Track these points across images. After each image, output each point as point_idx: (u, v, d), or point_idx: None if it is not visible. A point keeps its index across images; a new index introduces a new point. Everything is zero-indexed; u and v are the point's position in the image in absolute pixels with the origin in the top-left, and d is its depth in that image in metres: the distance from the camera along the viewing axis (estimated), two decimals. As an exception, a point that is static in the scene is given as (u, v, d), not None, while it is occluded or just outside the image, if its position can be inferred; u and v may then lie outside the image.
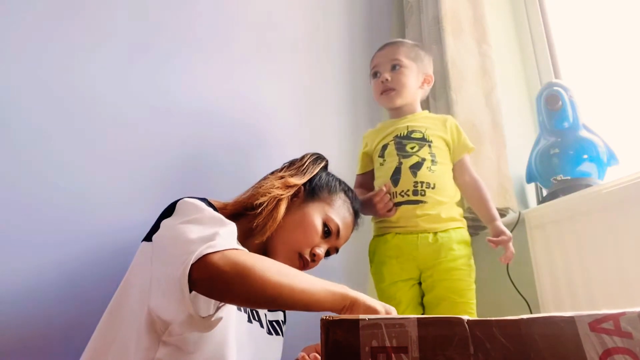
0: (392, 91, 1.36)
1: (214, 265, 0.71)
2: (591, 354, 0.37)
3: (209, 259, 0.72)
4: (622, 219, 1.21)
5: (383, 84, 1.36)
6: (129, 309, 0.83)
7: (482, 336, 0.39)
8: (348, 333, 0.41)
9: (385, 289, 1.25)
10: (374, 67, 1.42)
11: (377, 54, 1.44)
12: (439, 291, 1.21)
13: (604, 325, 0.38)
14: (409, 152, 1.29)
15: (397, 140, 1.33)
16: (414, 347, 0.39)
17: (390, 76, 1.36)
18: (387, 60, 1.38)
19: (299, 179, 1.07)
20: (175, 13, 1.40)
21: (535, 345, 0.38)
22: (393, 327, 0.40)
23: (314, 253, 1.03)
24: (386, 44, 1.45)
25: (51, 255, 1.05)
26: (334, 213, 1.07)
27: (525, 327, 0.39)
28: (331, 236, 1.07)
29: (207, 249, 0.72)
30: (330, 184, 1.11)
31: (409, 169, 1.27)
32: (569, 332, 0.38)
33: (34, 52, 1.13)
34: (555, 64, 1.76)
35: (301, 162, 1.12)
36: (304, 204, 1.06)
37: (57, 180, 1.09)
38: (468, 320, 0.40)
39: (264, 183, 1.06)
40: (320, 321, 0.43)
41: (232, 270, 0.71)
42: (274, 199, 1.00)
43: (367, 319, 0.42)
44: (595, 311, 0.39)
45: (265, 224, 0.98)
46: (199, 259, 0.71)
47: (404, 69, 1.36)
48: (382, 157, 1.34)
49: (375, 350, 0.39)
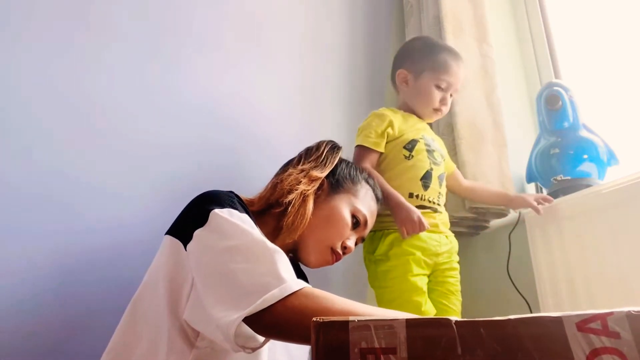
0: (441, 113, 1.39)
1: (277, 317, 0.67)
2: (578, 354, 0.38)
3: (274, 310, 0.67)
4: (622, 219, 1.21)
5: (442, 103, 1.37)
6: (155, 308, 0.81)
7: (470, 337, 0.39)
8: (338, 334, 0.42)
9: (413, 281, 1.20)
10: (445, 80, 1.35)
11: (454, 69, 1.36)
12: (446, 286, 1.26)
13: (592, 325, 0.39)
14: (437, 160, 1.33)
15: (426, 141, 1.33)
16: (403, 348, 0.39)
17: (451, 99, 1.39)
18: (456, 86, 1.37)
19: (321, 171, 1.04)
20: (175, 14, 1.40)
21: (522, 346, 0.38)
22: (382, 329, 0.41)
23: (345, 246, 1.02)
24: (459, 58, 1.39)
25: (67, 254, 1.06)
26: (360, 203, 1.06)
27: (512, 328, 0.39)
28: (360, 227, 1.06)
29: (271, 299, 0.67)
30: (352, 173, 1.10)
31: (437, 178, 1.30)
32: (557, 332, 0.39)
33: (45, 54, 1.14)
34: (555, 64, 1.76)
35: (318, 151, 1.09)
36: (329, 197, 1.04)
37: (63, 179, 1.10)
38: (456, 321, 0.40)
39: (285, 177, 1.02)
40: (311, 323, 0.43)
41: (295, 319, 0.66)
42: (300, 195, 0.98)
43: (356, 320, 0.42)
44: (583, 311, 0.39)
45: (295, 222, 0.96)
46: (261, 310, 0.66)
47: (454, 96, 1.41)
48: (409, 151, 1.30)
49: (365, 351, 0.40)
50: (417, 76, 1.37)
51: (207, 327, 0.75)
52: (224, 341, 0.70)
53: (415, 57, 1.40)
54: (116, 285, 0.99)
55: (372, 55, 1.87)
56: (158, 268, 0.84)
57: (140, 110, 1.26)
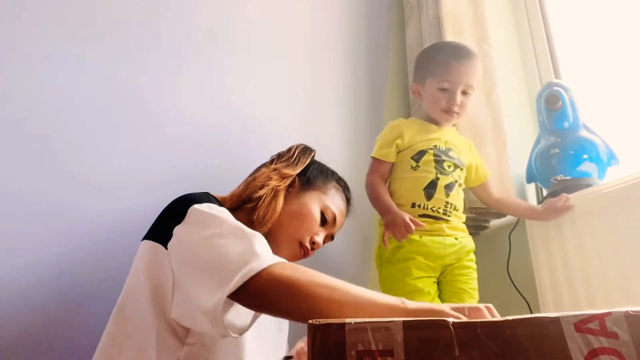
0: (455, 114, 1.35)
1: (260, 287, 0.70)
2: (576, 354, 0.38)
3: (256, 281, 0.70)
4: (622, 219, 1.21)
5: (450, 104, 1.33)
6: (142, 312, 0.82)
7: (467, 338, 0.39)
8: (335, 336, 0.41)
9: (412, 283, 1.24)
10: (446, 80, 1.32)
11: (456, 67, 1.32)
12: (457, 285, 1.27)
13: (590, 325, 0.38)
14: (446, 170, 1.31)
15: (436, 152, 1.32)
16: (400, 350, 0.39)
17: (460, 100, 1.33)
18: (463, 83, 1.32)
19: (293, 169, 1.09)
20: (175, 17, 1.40)
21: (520, 347, 0.38)
22: (379, 331, 0.40)
23: (314, 241, 1.06)
24: (464, 55, 1.35)
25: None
26: (330, 201, 1.11)
27: (510, 329, 0.39)
28: (328, 224, 1.10)
29: (249, 272, 0.70)
30: (324, 173, 1.15)
31: (444, 187, 1.29)
32: (554, 332, 0.38)
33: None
34: (555, 64, 1.75)
35: (289, 153, 1.15)
36: (300, 193, 1.09)
37: (63, 179, 1.10)
38: (453, 322, 0.40)
39: (257, 175, 1.07)
40: (308, 325, 0.43)
41: (279, 288, 0.69)
42: (271, 190, 1.02)
43: (353, 322, 0.42)
44: (581, 311, 0.39)
45: (265, 215, 1.00)
46: (243, 283, 0.69)
47: (471, 94, 1.35)
48: (416, 162, 1.32)
49: (362, 354, 0.40)
50: (423, 85, 1.39)
51: (194, 321, 0.77)
52: (212, 329, 0.72)
53: (419, 68, 1.43)
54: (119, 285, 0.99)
55: (373, 55, 1.87)
56: (138, 274, 0.86)
57: (140, 110, 1.26)
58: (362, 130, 1.74)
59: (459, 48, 1.38)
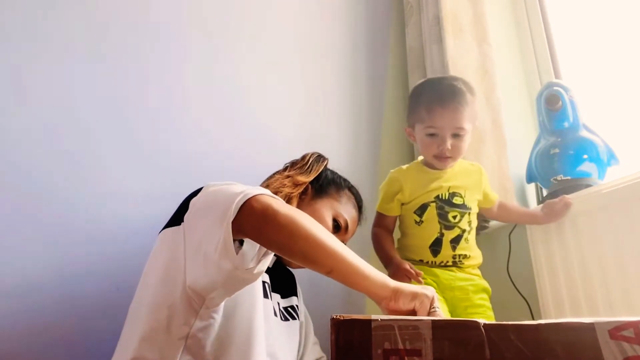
0: (449, 158, 1.27)
1: (267, 203, 0.75)
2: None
3: (262, 198, 0.76)
4: (622, 219, 1.21)
5: (440, 150, 1.25)
6: (154, 289, 0.83)
7: (498, 340, 0.38)
8: (360, 334, 0.40)
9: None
10: (432, 126, 1.25)
11: (440, 113, 1.24)
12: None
13: (624, 332, 0.37)
14: (451, 222, 1.26)
15: (438, 204, 1.27)
16: (428, 350, 0.38)
17: (451, 144, 1.24)
18: (451, 127, 1.23)
19: (306, 177, 1.11)
20: (177, 17, 1.39)
21: (552, 351, 0.37)
22: (407, 329, 0.39)
23: None
24: (448, 98, 1.24)
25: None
26: (342, 209, 1.12)
27: (542, 333, 0.38)
28: (340, 231, 1.11)
29: (256, 190, 0.77)
30: (336, 181, 1.16)
31: (450, 242, 1.25)
32: (588, 339, 0.37)
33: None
34: (555, 64, 1.75)
35: (303, 161, 1.16)
36: (313, 201, 1.10)
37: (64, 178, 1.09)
38: (484, 324, 0.39)
39: (271, 182, 1.08)
40: (331, 320, 0.42)
41: (284, 212, 0.74)
42: (285, 197, 1.02)
43: (379, 319, 0.41)
44: (616, 318, 0.38)
45: None
46: (251, 197, 0.75)
47: (464, 135, 1.25)
48: (419, 217, 1.28)
49: (388, 353, 0.39)
50: (414, 129, 1.32)
51: (207, 273, 0.78)
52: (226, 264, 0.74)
53: (409, 110, 1.35)
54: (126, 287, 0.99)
55: (372, 55, 1.87)
56: (155, 260, 0.88)
57: (140, 110, 1.26)
58: (363, 133, 1.74)
59: (445, 89, 1.27)
